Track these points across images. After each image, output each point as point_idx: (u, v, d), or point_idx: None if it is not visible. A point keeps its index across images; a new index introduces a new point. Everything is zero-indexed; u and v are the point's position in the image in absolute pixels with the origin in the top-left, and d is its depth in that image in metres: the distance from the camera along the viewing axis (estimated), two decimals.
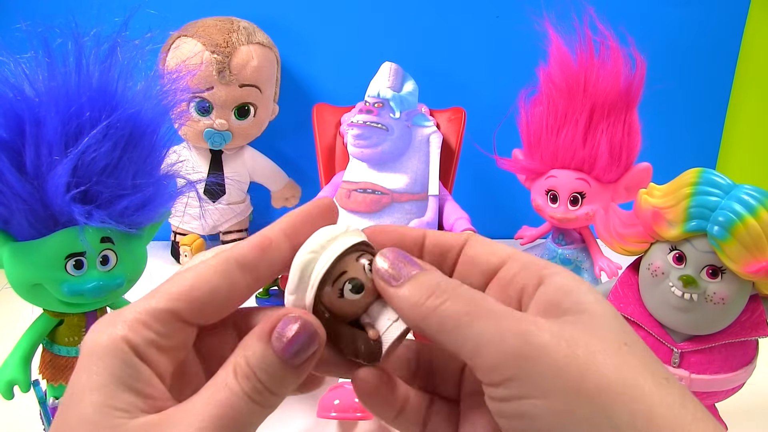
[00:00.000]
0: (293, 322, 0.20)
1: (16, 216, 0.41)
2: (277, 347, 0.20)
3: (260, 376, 0.20)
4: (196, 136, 0.76)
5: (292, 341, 0.20)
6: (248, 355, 0.20)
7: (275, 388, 0.20)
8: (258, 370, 0.20)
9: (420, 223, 0.69)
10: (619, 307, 0.46)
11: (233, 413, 0.19)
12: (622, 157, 0.63)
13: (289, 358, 0.20)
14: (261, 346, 0.20)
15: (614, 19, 0.62)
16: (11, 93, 0.40)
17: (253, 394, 0.20)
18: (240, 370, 0.20)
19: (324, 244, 0.22)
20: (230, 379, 0.20)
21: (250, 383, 0.20)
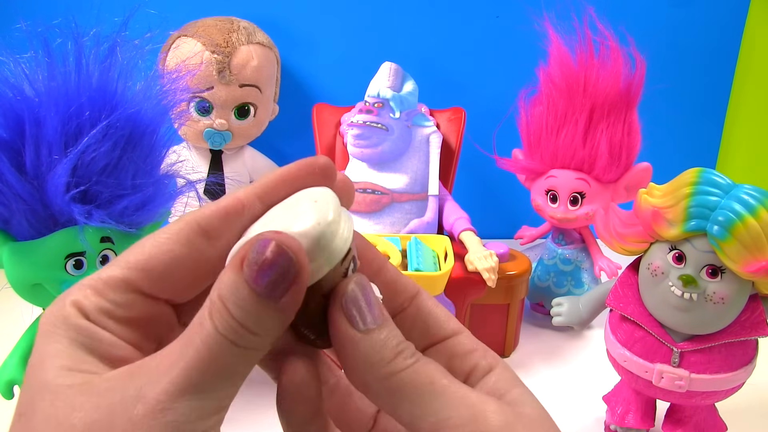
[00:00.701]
0: (267, 245, 0.17)
1: (16, 216, 0.41)
2: (248, 276, 0.17)
3: (234, 312, 0.17)
4: (196, 136, 0.76)
5: (265, 268, 0.17)
6: (220, 287, 0.17)
7: (253, 326, 0.17)
8: (231, 305, 0.17)
9: (420, 223, 0.69)
10: (619, 306, 0.46)
11: (212, 356, 0.17)
12: (622, 157, 0.63)
13: (264, 290, 0.17)
14: (231, 276, 0.17)
15: (614, 19, 0.62)
16: (11, 93, 0.40)
17: (229, 333, 0.17)
18: (214, 307, 0.17)
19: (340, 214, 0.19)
20: (204, 319, 0.17)
21: (225, 321, 0.17)
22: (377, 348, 0.19)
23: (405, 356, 0.19)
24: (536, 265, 0.72)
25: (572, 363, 0.64)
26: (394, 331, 0.19)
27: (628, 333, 0.45)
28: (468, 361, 0.21)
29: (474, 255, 0.61)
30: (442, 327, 0.22)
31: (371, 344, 0.19)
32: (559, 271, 0.70)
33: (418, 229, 0.68)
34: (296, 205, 0.19)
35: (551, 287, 0.70)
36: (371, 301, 0.19)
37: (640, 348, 0.45)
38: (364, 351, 0.19)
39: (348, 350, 0.19)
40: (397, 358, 0.19)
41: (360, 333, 0.19)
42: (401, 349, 0.19)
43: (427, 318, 0.22)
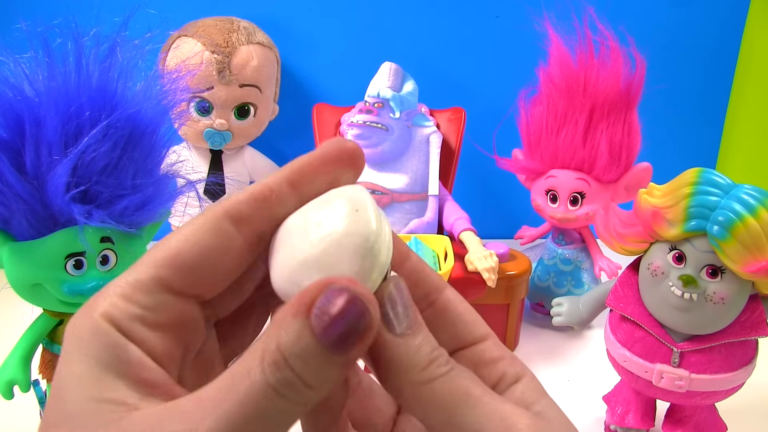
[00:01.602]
0: (339, 295, 0.16)
1: (16, 216, 0.41)
2: (317, 326, 0.15)
3: (293, 364, 0.15)
4: (196, 136, 0.76)
5: (337, 319, 0.16)
6: (280, 336, 0.16)
7: (312, 380, 0.16)
8: (291, 357, 0.15)
9: (420, 223, 0.69)
10: (619, 306, 0.46)
11: (255, 410, 0.15)
12: (621, 157, 0.63)
13: (334, 343, 0.16)
14: (297, 325, 0.16)
15: (614, 19, 0.62)
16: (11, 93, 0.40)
17: (281, 387, 0.15)
18: (269, 356, 0.15)
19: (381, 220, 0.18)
20: (254, 367, 0.15)
21: (280, 373, 0.15)
22: (412, 353, 0.18)
23: (439, 363, 0.18)
24: (536, 265, 0.72)
25: (572, 363, 0.64)
26: (429, 337, 0.19)
27: (628, 333, 0.45)
28: (496, 370, 0.20)
29: (474, 255, 0.61)
30: (471, 331, 0.21)
31: (406, 349, 0.18)
32: (559, 271, 0.70)
33: (418, 229, 0.68)
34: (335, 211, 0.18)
35: (551, 287, 0.70)
36: (408, 305, 0.19)
37: (640, 348, 0.45)
38: (399, 356, 0.18)
39: (383, 354, 0.18)
40: (431, 365, 0.18)
41: (395, 337, 0.18)
42: (436, 356, 0.18)
43: (456, 320, 0.21)
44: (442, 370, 0.18)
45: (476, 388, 0.18)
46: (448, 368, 0.18)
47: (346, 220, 0.17)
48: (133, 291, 0.17)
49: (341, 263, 0.17)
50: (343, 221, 0.17)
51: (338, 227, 0.17)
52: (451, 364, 0.18)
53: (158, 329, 0.17)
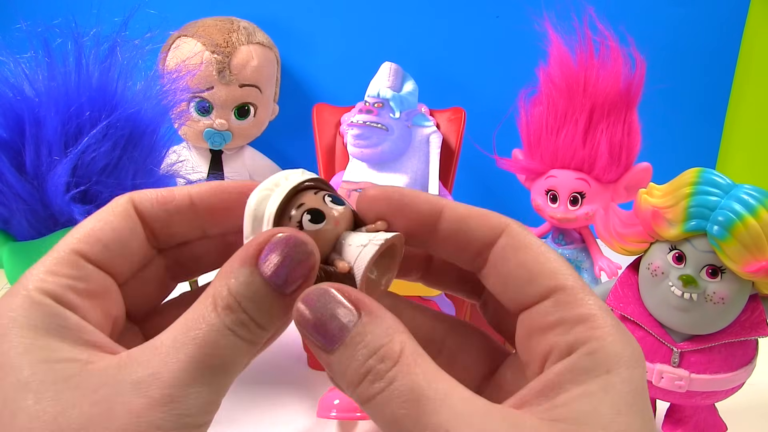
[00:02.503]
0: (284, 241, 0.17)
1: (16, 216, 0.41)
2: (266, 271, 0.17)
3: (246, 306, 0.17)
4: (196, 136, 0.76)
5: (283, 262, 0.17)
6: (231, 282, 0.17)
7: (263, 319, 0.17)
8: (243, 300, 0.17)
9: None
10: (619, 306, 0.46)
11: (215, 351, 0.16)
12: (621, 157, 0.63)
13: (281, 284, 0.17)
14: (246, 271, 0.17)
15: (614, 19, 0.62)
16: (11, 93, 0.40)
17: (237, 327, 0.17)
18: (221, 301, 0.17)
19: (277, 182, 0.20)
20: (208, 312, 0.17)
21: (234, 315, 0.17)
22: (342, 370, 0.17)
23: (371, 379, 0.16)
24: None
25: None
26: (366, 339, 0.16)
27: None
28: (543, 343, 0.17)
29: None
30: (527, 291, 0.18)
31: (337, 365, 0.17)
32: None
33: None
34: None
35: None
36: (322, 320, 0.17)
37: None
38: (335, 372, 0.17)
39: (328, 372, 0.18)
40: (363, 384, 0.16)
41: (325, 353, 0.17)
42: (368, 369, 0.16)
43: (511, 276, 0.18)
44: (374, 388, 0.16)
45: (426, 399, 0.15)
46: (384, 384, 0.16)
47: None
48: (57, 266, 0.18)
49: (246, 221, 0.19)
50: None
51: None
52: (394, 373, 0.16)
53: (87, 297, 0.18)
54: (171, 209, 0.20)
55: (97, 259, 0.19)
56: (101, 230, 0.19)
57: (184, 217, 0.20)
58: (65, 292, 0.18)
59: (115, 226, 0.19)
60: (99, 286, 0.19)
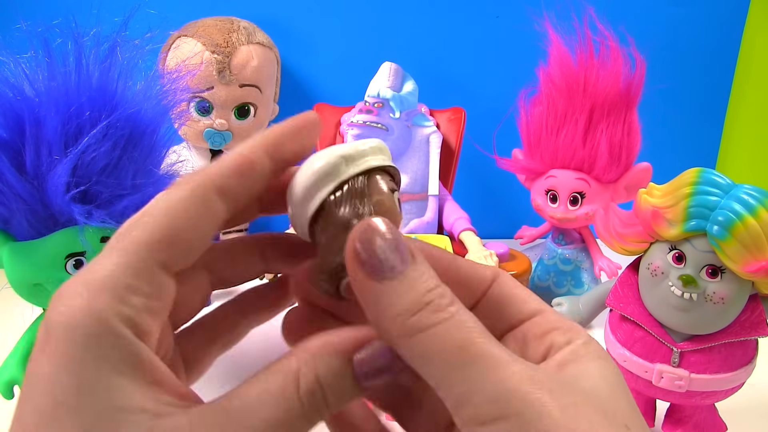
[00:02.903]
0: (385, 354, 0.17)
1: (16, 216, 0.41)
2: (360, 375, 0.17)
3: (329, 399, 0.17)
4: (196, 136, 0.76)
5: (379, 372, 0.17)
6: (320, 370, 0.17)
7: (337, 407, 0.17)
8: (330, 391, 0.17)
9: (420, 223, 0.69)
10: (619, 306, 0.46)
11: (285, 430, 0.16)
12: (621, 157, 0.63)
13: (367, 380, 0.17)
14: (339, 364, 0.17)
15: (614, 19, 0.62)
16: (11, 93, 0.40)
17: (312, 413, 0.17)
18: (305, 386, 0.16)
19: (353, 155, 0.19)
20: (290, 393, 0.16)
21: (315, 402, 0.16)
22: (399, 298, 0.16)
23: (433, 308, 0.16)
24: (536, 265, 0.72)
25: None
26: (423, 276, 0.17)
27: (628, 333, 0.45)
28: (544, 343, 0.19)
29: (474, 255, 0.61)
30: (519, 309, 0.20)
31: (392, 294, 0.16)
32: (559, 271, 0.70)
33: (418, 229, 0.68)
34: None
35: (551, 287, 0.70)
36: (389, 243, 0.17)
37: (639, 348, 0.45)
38: (385, 302, 0.16)
39: (368, 301, 0.17)
40: (423, 312, 0.16)
41: (378, 282, 0.16)
42: (429, 300, 0.16)
43: (503, 301, 0.20)
44: (436, 317, 0.16)
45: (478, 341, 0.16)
46: (446, 315, 0.16)
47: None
48: (137, 280, 0.16)
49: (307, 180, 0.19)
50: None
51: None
52: (452, 310, 0.16)
53: (158, 316, 0.17)
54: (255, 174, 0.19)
55: (177, 266, 0.17)
56: (182, 228, 0.17)
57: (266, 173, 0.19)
58: (143, 319, 0.16)
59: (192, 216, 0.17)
60: (171, 297, 0.17)
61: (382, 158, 0.20)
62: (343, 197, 0.19)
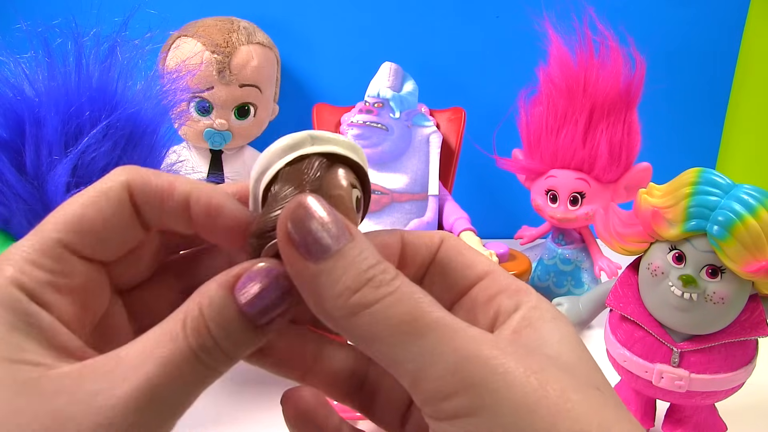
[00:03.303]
0: (264, 274, 0.17)
1: (16, 216, 0.41)
2: (241, 300, 0.16)
3: (215, 332, 0.16)
4: (196, 136, 0.76)
5: (260, 295, 0.17)
6: (204, 304, 0.16)
7: (230, 348, 0.16)
8: (214, 324, 0.16)
9: (420, 223, 0.69)
10: (619, 306, 0.46)
11: (175, 373, 0.16)
12: (621, 157, 0.63)
13: (254, 315, 0.17)
14: (222, 295, 0.16)
15: (614, 19, 0.62)
16: (11, 93, 0.40)
17: (202, 352, 0.16)
18: (191, 322, 0.16)
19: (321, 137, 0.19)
20: (177, 331, 0.16)
21: (202, 339, 0.16)
22: (338, 277, 0.16)
23: (376, 284, 0.15)
24: (536, 265, 0.72)
25: None
26: (363, 253, 0.16)
27: (628, 333, 0.45)
28: (491, 307, 0.18)
29: None
30: (465, 274, 0.19)
31: (330, 274, 0.16)
32: (559, 271, 0.70)
33: (418, 229, 0.68)
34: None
35: (551, 287, 0.70)
36: (323, 221, 0.16)
37: (639, 348, 0.45)
38: (323, 283, 0.16)
39: (305, 284, 0.16)
40: (365, 288, 0.15)
41: (314, 263, 0.16)
42: (371, 275, 0.16)
43: (450, 267, 0.19)
44: (379, 292, 0.15)
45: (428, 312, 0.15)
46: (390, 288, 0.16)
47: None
48: (39, 256, 0.17)
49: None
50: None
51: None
52: (396, 283, 0.16)
53: (67, 293, 0.17)
54: (166, 207, 0.19)
55: (84, 251, 0.18)
56: (92, 220, 0.18)
57: (180, 218, 0.19)
58: (43, 290, 0.17)
59: (107, 215, 0.18)
60: (82, 279, 0.18)
61: (354, 155, 0.19)
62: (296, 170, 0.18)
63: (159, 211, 0.19)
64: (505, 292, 0.18)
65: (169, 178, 0.19)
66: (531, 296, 0.18)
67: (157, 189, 0.19)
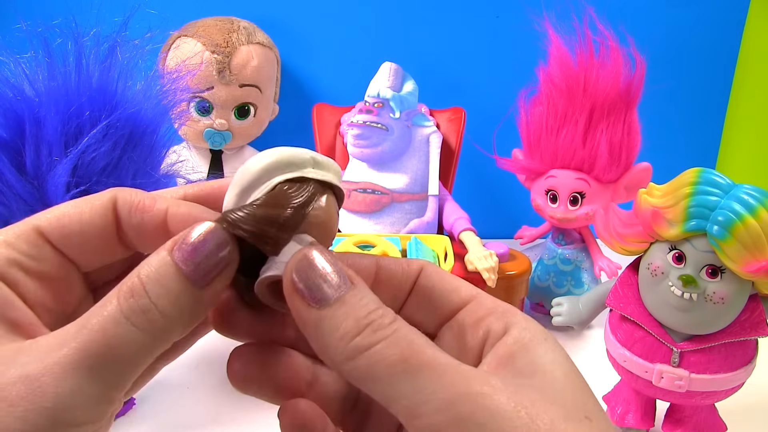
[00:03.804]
0: (199, 227, 0.17)
1: (16, 216, 0.41)
2: (177, 255, 0.16)
3: (150, 289, 0.16)
4: (196, 136, 0.76)
5: (196, 248, 0.17)
6: (142, 267, 0.16)
7: (168, 308, 0.16)
8: (149, 282, 0.16)
9: (420, 222, 0.69)
10: (619, 306, 0.46)
11: (104, 338, 0.15)
12: (621, 157, 0.63)
13: (192, 272, 0.16)
14: (160, 256, 0.17)
15: (614, 19, 0.62)
16: (11, 93, 0.40)
17: (135, 315, 0.16)
18: (125, 286, 0.16)
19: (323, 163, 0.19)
20: (110, 298, 0.16)
21: (134, 300, 0.16)
22: (340, 322, 0.16)
23: (375, 328, 0.16)
24: (536, 265, 0.72)
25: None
26: (364, 300, 0.17)
27: (628, 333, 0.45)
28: (479, 331, 0.18)
29: (474, 255, 0.61)
30: (449, 301, 0.19)
31: (332, 319, 0.16)
32: (559, 271, 0.70)
33: (418, 229, 0.68)
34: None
35: (551, 287, 0.70)
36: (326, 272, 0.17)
37: (639, 348, 0.45)
38: (326, 328, 0.16)
39: (310, 329, 0.17)
40: (365, 332, 0.16)
41: (318, 309, 0.17)
42: (370, 320, 0.16)
43: (431, 296, 0.20)
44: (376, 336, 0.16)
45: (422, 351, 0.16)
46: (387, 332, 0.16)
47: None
48: (15, 239, 0.18)
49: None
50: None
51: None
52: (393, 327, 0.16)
53: (35, 277, 0.18)
54: (145, 219, 0.19)
55: (58, 244, 0.19)
56: (70, 219, 0.19)
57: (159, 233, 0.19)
58: (9, 267, 0.17)
59: (85, 220, 0.19)
60: (54, 269, 0.19)
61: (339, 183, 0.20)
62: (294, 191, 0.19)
63: (139, 223, 0.19)
64: (493, 314, 0.19)
65: (151, 194, 0.20)
66: (518, 317, 0.18)
67: (138, 202, 0.19)
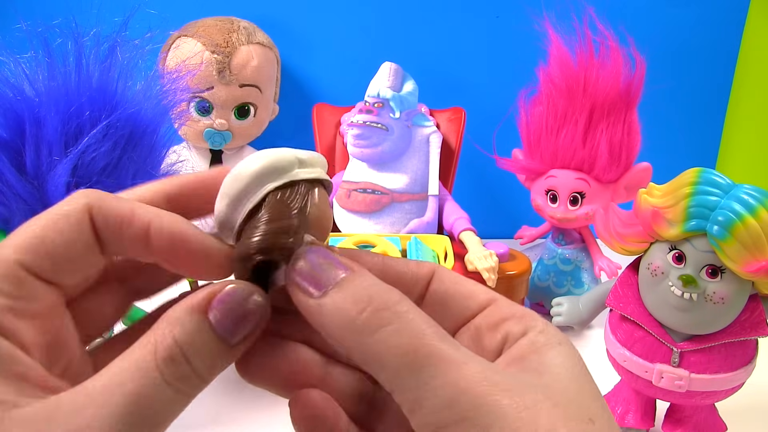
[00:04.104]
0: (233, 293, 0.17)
1: (17, 216, 0.41)
2: (216, 321, 0.16)
3: (191, 358, 0.16)
4: (196, 136, 0.76)
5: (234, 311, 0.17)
6: (177, 331, 0.16)
7: (206, 372, 0.16)
8: (190, 350, 0.16)
9: (420, 222, 0.69)
10: (619, 306, 0.46)
11: (149, 404, 0.15)
12: (621, 157, 0.63)
13: (228, 336, 0.17)
14: (194, 320, 0.16)
15: (614, 19, 0.62)
16: (11, 93, 0.40)
17: (178, 381, 0.16)
18: (163, 351, 0.16)
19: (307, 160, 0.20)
20: (148, 361, 0.16)
21: (176, 367, 0.16)
22: (339, 306, 0.16)
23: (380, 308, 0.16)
24: (536, 265, 0.72)
25: None
26: (366, 282, 0.17)
27: (628, 333, 0.45)
28: (499, 333, 0.18)
29: (474, 255, 0.61)
30: (466, 305, 0.19)
31: (336, 303, 0.17)
32: (559, 271, 0.70)
33: (418, 229, 0.68)
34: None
35: (551, 287, 0.70)
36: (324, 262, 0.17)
37: (640, 348, 0.45)
38: (331, 313, 0.17)
39: (316, 318, 0.17)
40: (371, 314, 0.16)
41: (322, 296, 0.17)
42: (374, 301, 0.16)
43: (447, 298, 0.19)
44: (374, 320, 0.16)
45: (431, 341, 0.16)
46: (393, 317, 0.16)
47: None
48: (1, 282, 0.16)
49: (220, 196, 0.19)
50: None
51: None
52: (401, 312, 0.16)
53: (28, 318, 0.17)
54: (125, 235, 0.18)
55: (44, 274, 0.17)
56: (52, 241, 0.17)
57: (139, 246, 0.18)
58: (3, 316, 0.16)
59: (67, 237, 0.17)
60: (44, 304, 0.17)
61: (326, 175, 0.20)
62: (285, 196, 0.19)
63: (118, 237, 0.18)
64: (512, 318, 0.18)
65: (130, 204, 0.18)
66: (538, 321, 0.18)
67: (116, 215, 0.18)
